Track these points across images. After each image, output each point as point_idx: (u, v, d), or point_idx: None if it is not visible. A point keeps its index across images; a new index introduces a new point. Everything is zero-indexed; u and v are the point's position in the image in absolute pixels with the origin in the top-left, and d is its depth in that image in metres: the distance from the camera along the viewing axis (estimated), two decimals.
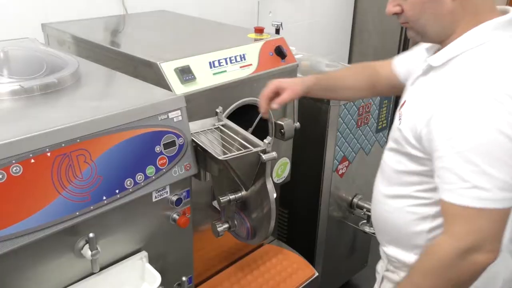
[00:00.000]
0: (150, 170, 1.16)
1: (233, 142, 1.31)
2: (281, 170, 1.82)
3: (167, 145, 1.19)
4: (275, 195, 1.27)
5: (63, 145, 1.00)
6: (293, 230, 2.20)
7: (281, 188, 1.91)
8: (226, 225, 1.40)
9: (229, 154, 1.22)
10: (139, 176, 1.14)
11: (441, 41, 1.11)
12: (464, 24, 1.05)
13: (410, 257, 1.20)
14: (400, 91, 1.30)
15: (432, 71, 1.11)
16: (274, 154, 1.25)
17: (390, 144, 1.22)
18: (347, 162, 2.00)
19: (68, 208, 1.02)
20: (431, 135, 1.02)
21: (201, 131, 1.31)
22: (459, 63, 1.05)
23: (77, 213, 1.03)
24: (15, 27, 1.84)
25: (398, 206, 1.20)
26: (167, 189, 1.24)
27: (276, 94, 1.30)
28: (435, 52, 1.13)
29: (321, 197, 2.00)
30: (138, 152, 1.14)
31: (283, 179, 1.85)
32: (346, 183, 2.03)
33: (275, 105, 1.29)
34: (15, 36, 1.61)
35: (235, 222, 1.40)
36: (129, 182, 1.12)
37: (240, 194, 1.35)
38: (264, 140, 1.24)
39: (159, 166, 1.18)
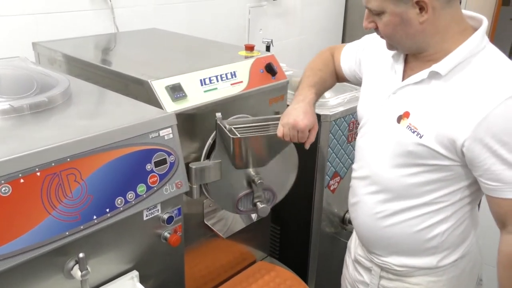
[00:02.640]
0: (141, 188, 1.16)
1: (263, 126, 1.48)
2: None
3: (158, 163, 1.19)
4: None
5: (53, 164, 1.00)
6: (286, 246, 2.19)
7: None
8: (265, 204, 1.56)
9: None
10: (130, 195, 1.14)
11: (418, 53, 1.16)
12: (440, 37, 1.10)
13: (421, 261, 1.27)
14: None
15: (436, 79, 1.12)
16: None
17: (395, 160, 1.19)
18: (339, 177, 2.00)
19: (58, 228, 1.01)
20: (480, 145, 1.05)
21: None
22: (475, 68, 1.09)
23: (67, 233, 1.03)
24: (6, 46, 1.84)
25: (410, 217, 1.23)
26: (158, 207, 1.23)
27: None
28: (405, 60, 1.21)
29: (313, 213, 2.00)
30: (129, 170, 1.13)
31: None
32: (338, 198, 2.03)
33: (308, 146, 1.38)
34: (6, 55, 1.61)
35: (266, 196, 1.59)
36: (119, 200, 1.12)
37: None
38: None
39: (150, 184, 1.18)
